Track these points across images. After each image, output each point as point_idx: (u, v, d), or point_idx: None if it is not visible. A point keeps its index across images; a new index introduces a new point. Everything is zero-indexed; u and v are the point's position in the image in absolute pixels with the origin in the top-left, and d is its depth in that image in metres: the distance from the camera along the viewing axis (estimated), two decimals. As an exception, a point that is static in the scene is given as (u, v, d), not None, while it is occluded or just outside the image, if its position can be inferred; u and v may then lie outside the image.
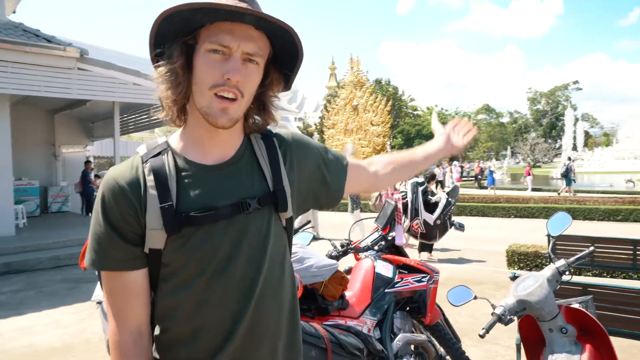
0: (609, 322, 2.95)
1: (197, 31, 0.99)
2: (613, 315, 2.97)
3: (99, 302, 2.38)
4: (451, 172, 29.16)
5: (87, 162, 13.51)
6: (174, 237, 0.99)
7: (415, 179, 2.71)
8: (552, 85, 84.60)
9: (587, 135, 70.66)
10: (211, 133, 1.04)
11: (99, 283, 2.51)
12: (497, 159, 59.72)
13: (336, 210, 17.39)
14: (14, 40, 7.34)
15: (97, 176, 16.81)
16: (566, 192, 19.86)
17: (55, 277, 7.23)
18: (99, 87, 8.60)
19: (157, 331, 1.06)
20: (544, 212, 14.07)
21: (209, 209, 1.01)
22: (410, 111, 67.06)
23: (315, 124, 55.65)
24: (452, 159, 54.95)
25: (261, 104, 1.10)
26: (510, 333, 3.91)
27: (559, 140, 67.51)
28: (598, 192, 20.03)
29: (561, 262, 2.19)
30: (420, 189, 2.60)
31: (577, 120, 62.27)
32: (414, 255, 8.57)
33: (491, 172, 23.71)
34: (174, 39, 0.99)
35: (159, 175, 1.01)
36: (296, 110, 53.32)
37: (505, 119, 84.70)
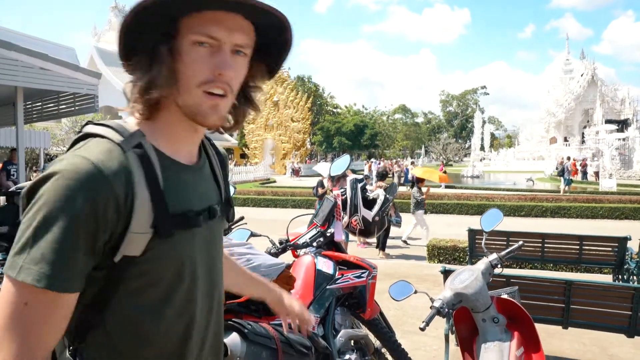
0: (527, 309, 3.19)
1: (178, 20, 0.87)
2: (530, 303, 3.21)
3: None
4: (370, 169, 30.08)
5: None
6: (159, 242, 0.87)
7: (354, 176, 2.74)
8: (462, 89, 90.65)
9: (492, 136, 76.29)
10: (190, 132, 0.95)
11: None
12: (412, 157, 62.64)
13: (272, 206, 17.24)
14: None
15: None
16: (565, 191, 19.61)
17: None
18: (-2, 68, 7.74)
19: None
20: (458, 208, 14.96)
21: (193, 211, 0.94)
22: (331, 108, 68.19)
23: (236, 119, 54.66)
24: (369, 157, 56.76)
25: (243, 95, 1.00)
26: (437, 324, 4.08)
27: (468, 141, 72.19)
28: (503, 189, 21.65)
29: (494, 256, 2.31)
30: (359, 185, 2.62)
31: (484, 122, 66.99)
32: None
33: (407, 171, 24.71)
34: (151, 30, 0.86)
35: (149, 169, 0.87)
36: (217, 104, 52.14)
37: (420, 119, 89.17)
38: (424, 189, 9.94)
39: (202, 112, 0.88)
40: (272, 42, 0.96)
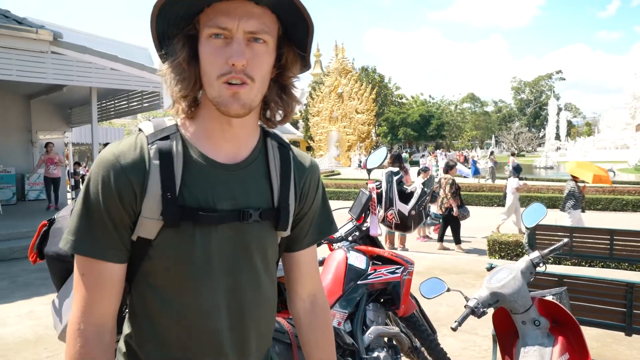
0: (583, 312, 2.95)
1: (196, 18, 0.92)
2: (587, 306, 2.97)
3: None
4: (435, 159, 29.32)
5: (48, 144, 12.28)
6: (169, 231, 0.93)
7: (390, 168, 2.64)
8: (535, 74, 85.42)
9: (569, 124, 71.52)
10: (224, 126, 0.97)
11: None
12: (481, 148, 60.21)
13: (335, 198, 17.31)
14: (-18, 21, 7.01)
15: (77, 163, 16.47)
16: None
17: (29, 267, 7.05)
18: (75, 72, 8.31)
19: (127, 329, 1.02)
20: (527, 201, 14.19)
21: (211, 209, 0.95)
22: (396, 99, 67.03)
23: (300, 112, 55.26)
24: (436, 148, 55.16)
25: (280, 86, 1.02)
26: (489, 323, 3.91)
27: (542, 130, 68.17)
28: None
29: (535, 254, 2.16)
30: (395, 178, 2.53)
31: (560, 109, 63.00)
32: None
33: (474, 162, 23.83)
34: (174, 31, 0.93)
35: (166, 161, 0.93)
36: (282, 97, 52.81)
37: (489, 108, 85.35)
38: (580, 184, 8.32)
39: (224, 101, 0.90)
40: (295, 25, 0.95)
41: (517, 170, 11.13)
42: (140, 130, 0.99)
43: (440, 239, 8.65)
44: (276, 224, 1.03)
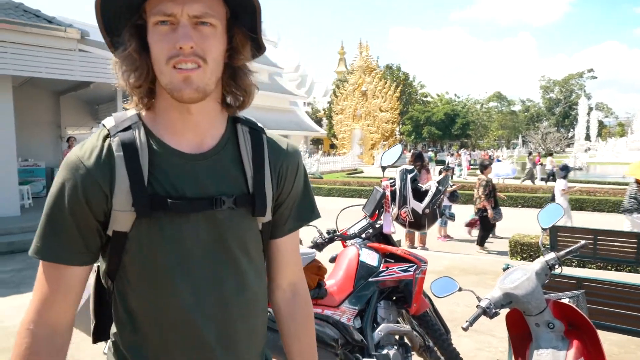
0: (604, 316, 2.88)
1: (142, 7, 0.91)
2: (608, 310, 2.89)
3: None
4: (458, 159, 28.96)
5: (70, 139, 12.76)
6: (143, 221, 0.92)
7: (404, 166, 2.62)
8: (565, 73, 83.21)
9: (601, 125, 69.46)
10: (184, 115, 0.96)
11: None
12: (507, 148, 59.09)
13: (357, 196, 17.32)
14: (14, 20, 7.27)
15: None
16: None
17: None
18: (101, 69, 8.52)
19: (114, 328, 1.01)
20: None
21: (181, 197, 0.94)
22: (421, 97, 66.33)
23: (324, 109, 55.31)
24: (461, 147, 54.39)
25: (233, 70, 1.00)
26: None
27: (571, 130, 66.41)
28: (609, 183, 19.70)
29: (551, 255, 2.12)
30: (410, 176, 2.49)
31: (591, 109, 61.22)
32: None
33: (499, 162, 23.43)
34: (122, 22, 0.93)
35: (129, 151, 0.92)
36: (305, 95, 52.51)
37: (517, 107, 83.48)
38: None
39: (176, 87, 0.89)
40: (242, 7, 0.95)
41: (565, 170, 10.51)
42: (103, 125, 0.98)
43: (480, 242, 8.45)
44: (253, 210, 1.01)
